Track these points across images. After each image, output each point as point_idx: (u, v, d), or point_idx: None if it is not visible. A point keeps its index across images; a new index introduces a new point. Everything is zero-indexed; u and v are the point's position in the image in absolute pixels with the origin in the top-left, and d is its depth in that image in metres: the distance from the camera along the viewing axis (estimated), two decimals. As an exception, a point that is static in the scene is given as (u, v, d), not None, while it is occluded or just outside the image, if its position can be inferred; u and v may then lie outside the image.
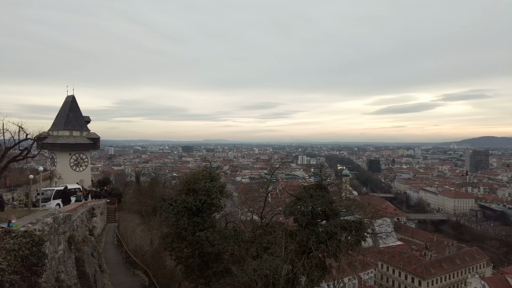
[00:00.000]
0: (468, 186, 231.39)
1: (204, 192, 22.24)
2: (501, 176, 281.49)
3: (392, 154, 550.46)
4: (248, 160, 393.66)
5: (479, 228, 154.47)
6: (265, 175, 32.24)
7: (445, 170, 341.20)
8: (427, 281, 76.19)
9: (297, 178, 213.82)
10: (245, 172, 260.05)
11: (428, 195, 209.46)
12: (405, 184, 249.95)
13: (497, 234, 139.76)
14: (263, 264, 15.16)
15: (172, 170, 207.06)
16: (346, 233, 18.49)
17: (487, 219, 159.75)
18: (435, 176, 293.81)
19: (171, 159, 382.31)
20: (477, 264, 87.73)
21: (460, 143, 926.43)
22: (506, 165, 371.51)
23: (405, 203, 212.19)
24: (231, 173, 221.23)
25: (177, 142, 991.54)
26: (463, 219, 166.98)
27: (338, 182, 32.29)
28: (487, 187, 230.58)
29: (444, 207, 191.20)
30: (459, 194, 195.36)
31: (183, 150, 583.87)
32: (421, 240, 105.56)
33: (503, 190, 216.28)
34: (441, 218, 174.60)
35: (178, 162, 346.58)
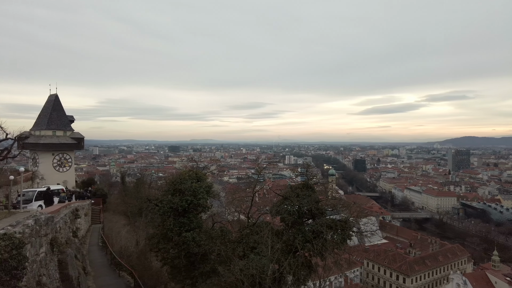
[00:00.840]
0: (451, 185, 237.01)
1: (190, 192, 22.09)
2: (481, 175, 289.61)
3: (377, 154, 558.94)
4: (235, 160, 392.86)
5: (461, 226, 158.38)
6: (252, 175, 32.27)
7: (429, 169, 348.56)
8: (411, 278, 77.68)
9: (285, 177, 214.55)
10: (233, 172, 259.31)
11: (413, 194, 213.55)
12: (390, 183, 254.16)
13: (478, 231, 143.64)
14: (250, 264, 15.17)
15: (158, 171, 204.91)
16: (332, 232, 18.67)
17: (468, 216, 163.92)
18: (419, 175, 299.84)
19: (157, 159, 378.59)
20: (458, 261, 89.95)
21: (443, 143, 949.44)
22: (486, 164, 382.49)
23: (390, 202, 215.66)
24: (218, 173, 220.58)
25: (163, 142, 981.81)
26: (446, 217, 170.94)
27: (324, 182, 32.58)
28: (468, 185, 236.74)
29: (427, 206, 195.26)
30: (442, 192, 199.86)
31: (169, 150, 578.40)
32: (405, 238, 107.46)
33: (483, 189, 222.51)
34: (425, 216, 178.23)
35: (164, 162, 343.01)
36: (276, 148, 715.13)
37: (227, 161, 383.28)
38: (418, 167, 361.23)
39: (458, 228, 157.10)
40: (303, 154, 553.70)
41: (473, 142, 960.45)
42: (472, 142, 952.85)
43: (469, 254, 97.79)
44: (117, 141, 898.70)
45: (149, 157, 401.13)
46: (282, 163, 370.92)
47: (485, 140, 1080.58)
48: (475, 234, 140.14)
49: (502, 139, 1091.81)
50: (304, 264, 18.41)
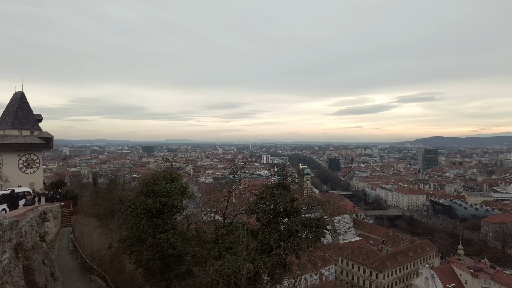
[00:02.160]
0: (420, 183, 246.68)
1: (164, 193, 21.74)
2: (448, 173, 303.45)
3: (351, 153, 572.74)
4: (212, 160, 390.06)
5: (430, 222, 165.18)
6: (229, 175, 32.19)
7: (400, 168, 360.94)
8: (384, 273, 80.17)
9: (261, 177, 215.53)
10: (209, 172, 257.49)
11: (385, 192, 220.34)
12: (363, 182, 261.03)
13: (445, 226, 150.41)
14: (225, 264, 15.15)
15: (131, 171, 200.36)
16: (306, 230, 18.93)
17: (436, 213, 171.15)
18: (391, 174, 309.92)
19: (130, 160, 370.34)
20: (427, 255, 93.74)
21: (413, 143, 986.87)
22: (453, 163, 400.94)
23: (363, 200, 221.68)
24: (194, 173, 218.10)
25: (137, 142, 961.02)
26: (416, 214, 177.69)
27: (299, 181, 32.97)
28: (436, 183, 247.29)
29: (399, 203, 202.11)
30: (412, 190, 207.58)
31: (143, 150, 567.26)
32: (378, 235, 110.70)
33: (450, 186, 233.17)
34: (396, 213, 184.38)
35: (138, 163, 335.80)
36: (253, 148, 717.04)
37: (203, 161, 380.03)
38: (390, 166, 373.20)
39: (427, 224, 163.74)
40: (279, 153, 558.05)
41: (441, 142, 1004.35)
42: (440, 142, 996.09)
43: (437, 248, 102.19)
44: (89, 141, 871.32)
45: (122, 158, 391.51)
46: (259, 163, 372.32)
47: (452, 140, 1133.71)
48: (442, 229, 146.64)
49: (467, 139, 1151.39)
50: (279, 263, 18.56)
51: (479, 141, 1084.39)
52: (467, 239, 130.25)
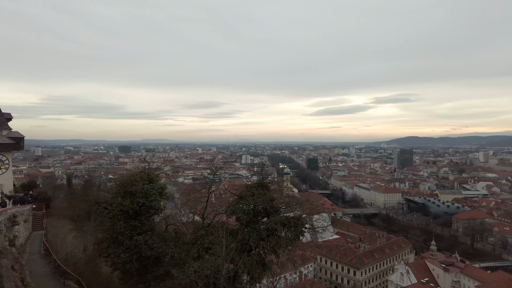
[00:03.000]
0: (396, 181, 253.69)
1: (142, 194, 21.39)
2: (422, 172, 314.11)
3: (329, 153, 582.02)
4: (191, 161, 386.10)
5: (405, 219, 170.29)
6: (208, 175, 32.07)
7: (376, 167, 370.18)
8: (361, 270, 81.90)
9: (241, 177, 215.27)
10: (188, 172, 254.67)
11: (362, 191, 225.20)
12: (341, 181, 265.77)
13: (419, 224, 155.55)
14: (204, 265, 15.08)
15: (107, 172, 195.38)
16: (285, 229, 19.12)
17: (411, 211, 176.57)
18: (368, 173, 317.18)
19: (106, 160, 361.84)
20: (402, 252, 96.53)
21: (389, 143, 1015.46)
22: (426, 162, 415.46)
23: (341, 198, 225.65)
24: (172, 174, 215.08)
25: (113, 142, 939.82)
26: (392, 212, 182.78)
27: (279, 180, 33.21)
28: (411, 182, 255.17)
29: (375, 202, 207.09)
30: (388, 189, 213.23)
31: (120, 150, 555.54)
32: (355, 233, 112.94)
33: (424, 185, 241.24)
34: (373, 211, 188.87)
35: (114, 163, 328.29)
36: (233, 148, 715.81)
37: (182, 161, 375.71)
38: (366, 166, 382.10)
39: (403, 221, 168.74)
40: (259, 153, 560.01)
41: (416, 142, 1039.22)
42: (414, 142, 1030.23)
43: (412, 245, 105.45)
44: (63, 141, 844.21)
45: (98, 158, 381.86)
46: (239, 162, 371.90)
47: (426, 140, 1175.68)
48: (417, 226, 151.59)
49: (440, 139, 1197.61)
50: (259, 262, 18.65)
51: (451, 141, 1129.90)
52: (440, 235, 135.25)
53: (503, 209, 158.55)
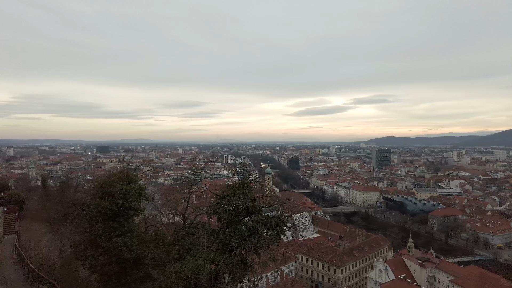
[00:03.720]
0: (375, 180, 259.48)
1: (121, 195, 20.96)
2: (400, 171, 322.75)
3: (310, 153, 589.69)
4: (171, 161, 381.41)
5: (383, 217, 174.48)
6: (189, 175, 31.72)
7: (356, 166, 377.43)
8: (341, 268, 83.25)
9: (223, 177, 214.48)
10: (168, 173, 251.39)
11: (341, 190, 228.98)
12: (321, 180, 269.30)
13: (397, 221, 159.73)
14: (185, 266, 14.96)
15: (85, 173, 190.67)
16: (267, 229, 19.21)
17: (389, 209, 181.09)
18: (347, 172, 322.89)
19: (84, 161, 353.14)
20: (381, 249, 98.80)
21: (368, 142, 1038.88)
22: (404, 162, 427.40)
23: (322, 197, 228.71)
24: (152, 174, 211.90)
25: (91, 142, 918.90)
26: (371, 210, 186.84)
27: (260, 180, 33.38)
28: (389, 181, 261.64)
29: (355, 200, 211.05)
30: (367, 188, 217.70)
31: (98, 150, 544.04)
32: (336, 232, 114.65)
33: (401, 183, 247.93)
34: (352, 210, 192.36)
35: (92, 164, 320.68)
36: (215, 148, 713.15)
37: (163, 161, 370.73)
38: (346, 165, 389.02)
39: (381, 219, 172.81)
40: (241, 153, 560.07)
41: (393, 142, 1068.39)
42: (392, 142, 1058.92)
43: (390, 242, 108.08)
44: (38, 141, 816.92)
45: (75, 158, 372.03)
46: (221, 162, 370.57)
47: (403, 139, 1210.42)
48: (395, 224, 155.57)
49: (417, 139, 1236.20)
50: (240, 262, 18.66)
51: (427, 140, 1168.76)
52: (416, 232, 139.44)
53: (474, 206, 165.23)
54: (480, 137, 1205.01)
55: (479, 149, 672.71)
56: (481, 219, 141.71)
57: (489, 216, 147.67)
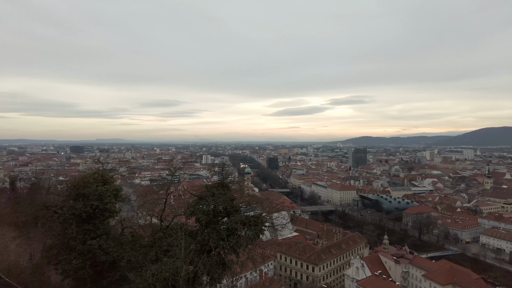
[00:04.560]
0: (351, 179, 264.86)
1: (96, 196, 20.44)
2: (375, 170, 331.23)
3: (288, 153, 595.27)
4: (148, 161, 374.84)
5: (360, 216, 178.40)
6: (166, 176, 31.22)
7: (333, 166, 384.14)
8: (319, 266, 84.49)
9: (201, 177, 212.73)
10: (145, 173, 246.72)
11: (319, 189, 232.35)
12: (299, 180, 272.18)
13: (373, 219, 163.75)
14: (163, 267, 14.77)
15: (58, 174, 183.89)
16: (245, 228, 19.24)
17: (365, 207, 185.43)
18: (325, 171, 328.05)
19: (57, 161, 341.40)
20: (358, 247, 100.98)
21: (344, 142, 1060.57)
22: (379, 161, 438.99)
23: (300, 196, 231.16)
24: (128, 175, 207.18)
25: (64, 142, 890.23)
26: (347, 209, 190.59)
27: (239, 180, 33.35)
28: (365, 179, 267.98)
29: (332, 199, 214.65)
30: (344, 186, 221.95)
31: (71, 151, 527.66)
32: (314, 230, 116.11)
33: (377, 182, 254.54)
34: (330, 208, 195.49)
35: (65, 165, 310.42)
36: (193, 148, 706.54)
37: (139, 162, 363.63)
38: (323, 164, 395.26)
39: (357, 217, 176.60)
40: (220, 153, 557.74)
41: (369, 142, 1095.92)
42: (368, 142, 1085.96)
43: (366, 240, 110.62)
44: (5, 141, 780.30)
45: (47, 159, 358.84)
46: (199, 163, 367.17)
47: (378, 139, 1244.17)
48: (371, 222, 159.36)
49: (391, 139, 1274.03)
50: (219, 262, 18.60)
51: (401, 140, 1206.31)
52: (392, 229, 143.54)
53: (445, 203, 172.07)
54: (451, 137, 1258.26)
55: (449, 148, 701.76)
56: (451, 215, 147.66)
57: (459, 212, 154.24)
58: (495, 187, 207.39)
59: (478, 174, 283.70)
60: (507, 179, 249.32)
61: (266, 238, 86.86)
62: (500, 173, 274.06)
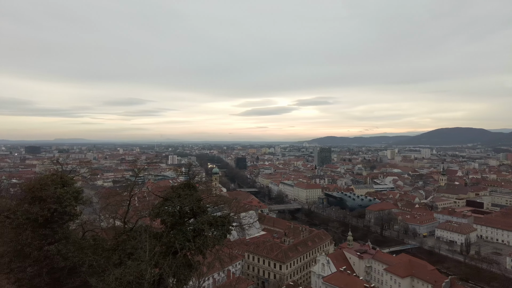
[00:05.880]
0: (317, 178, 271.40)
1: (54, 199, 19.40)
2: (340, 169, 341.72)
3: (256, 152, 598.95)
4: (111, 162, 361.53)
5: (325, 213, 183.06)
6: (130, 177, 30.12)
7: (299, 165, 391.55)
8: (286, 264, 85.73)
9: (167, 178, 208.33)
10: (108, 174, 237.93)
11: (286, 188, 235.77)
12: (267, 179, 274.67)
13: (337, 216, 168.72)
14: (126, 271, 14.35)
15: (11, 176, 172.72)
16: (212, 229, 19.15)
17: (330, 205, 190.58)
18: (292, 170, 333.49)
19: (9, 163, 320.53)
20: (323, 244, 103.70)
21: (310, 142, 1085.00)
22: (343, 160, 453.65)
23: (268, 195, 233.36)
24: (90, 176, 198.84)
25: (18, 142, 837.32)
26: (313, 206, 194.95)
27: (206, 180, 33.12)
28: (330, 178, 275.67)
29: (299, 197, 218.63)
30: (310, 185, 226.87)
31: (27, 151, 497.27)
32: (281, 228, 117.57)
33: (341, 180, 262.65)
34: (296, 207, 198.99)
35: (20, 166, 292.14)
36: (159, 148, 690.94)
37: (101, 163, 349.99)
38: (290, 164, 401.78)
39: (323, 215, 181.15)
40: (187, 153, 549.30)
41: (334, 141, 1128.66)
42: (333, 141, 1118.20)
43: (331, 237, 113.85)
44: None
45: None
46: (165, 163, 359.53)
47: (342, 139, 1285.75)
48: (335, 219, 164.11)
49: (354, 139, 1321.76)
50: (185, 264, 18.36)
51: (364, 140, 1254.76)
52: (355, 226, 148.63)
53: (405, 200, 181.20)
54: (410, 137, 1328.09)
55: (409, 148, 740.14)
56: (410, 211, 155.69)
57: (417, 208, 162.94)
58: (449, 184, 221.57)
59: (434, 172, 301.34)
60: (459, 176, 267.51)
61: (234, 238, 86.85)
62: (453, 171, 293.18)
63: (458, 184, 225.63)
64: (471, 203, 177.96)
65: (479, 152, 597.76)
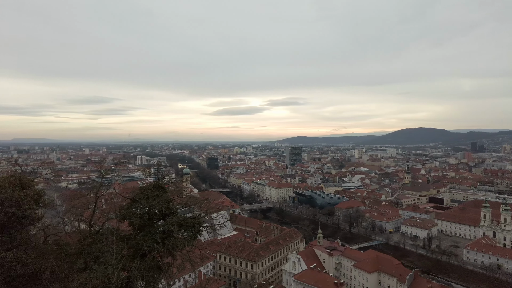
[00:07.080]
0: (288, 177, 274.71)
1: (12, 203, 18.31)
2: (310, 168, 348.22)
3: (228, 152, 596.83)
4: (76, 163, 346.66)
5: (296, 211, 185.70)
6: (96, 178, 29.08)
7: (271, 164, 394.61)
8: (258, 263, 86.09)
9: (135, 179, 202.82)
10: (73, 176, 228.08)
11: (258, 187, 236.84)
12: (239, 179, 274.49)
13: (308, 214, 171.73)
14: (92, 275, 13.84)
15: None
16: (182, 230, 18.88)
17: (301, 203, 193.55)
18: (263, 170, 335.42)
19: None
20: (294, 242, 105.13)
21: (281, 142, 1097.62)
22: (313, 159, 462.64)
23: (240, 195, 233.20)
24: (53, 178, 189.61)
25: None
26: (284, 205, 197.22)
27: (176, 181, 32.55)
28: (301, 177, 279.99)
29: (270, 196, 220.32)
30: (281, 184, 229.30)
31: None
32: (252, 228, 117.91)
33: (311, 179, 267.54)
34: (268, 206, 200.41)
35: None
36: (126, 148, 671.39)
37: (66, 163, 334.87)
38: (262, 163, 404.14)
39: (294, 213, 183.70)
40: (156, 153, 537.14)
41: (304, 141, 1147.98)
42: (303, 141, 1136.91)
43: (302, 234, 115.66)
44: None
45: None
46: (133, 164, 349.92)
47: (312, 139, 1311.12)
48: (306, 217, 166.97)
49: (324, 139, 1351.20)
50: (153, 266, 17.97)
51: (333, 140, 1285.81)
52: (325, 223, 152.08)
53: (372, 198, 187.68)
54: (376, 136, 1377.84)
55: (375, 147, 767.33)
56: (377, 208, 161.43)
57: (383, 205, 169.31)
58: (413, 182, 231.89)
59: (399, 170, 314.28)
60: (422, 174, 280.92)
61: (205, 238, 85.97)
62: (417, 169, 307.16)
63: (421, 182, 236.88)
64: (433, 200, 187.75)
65: (440, 151, 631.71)
